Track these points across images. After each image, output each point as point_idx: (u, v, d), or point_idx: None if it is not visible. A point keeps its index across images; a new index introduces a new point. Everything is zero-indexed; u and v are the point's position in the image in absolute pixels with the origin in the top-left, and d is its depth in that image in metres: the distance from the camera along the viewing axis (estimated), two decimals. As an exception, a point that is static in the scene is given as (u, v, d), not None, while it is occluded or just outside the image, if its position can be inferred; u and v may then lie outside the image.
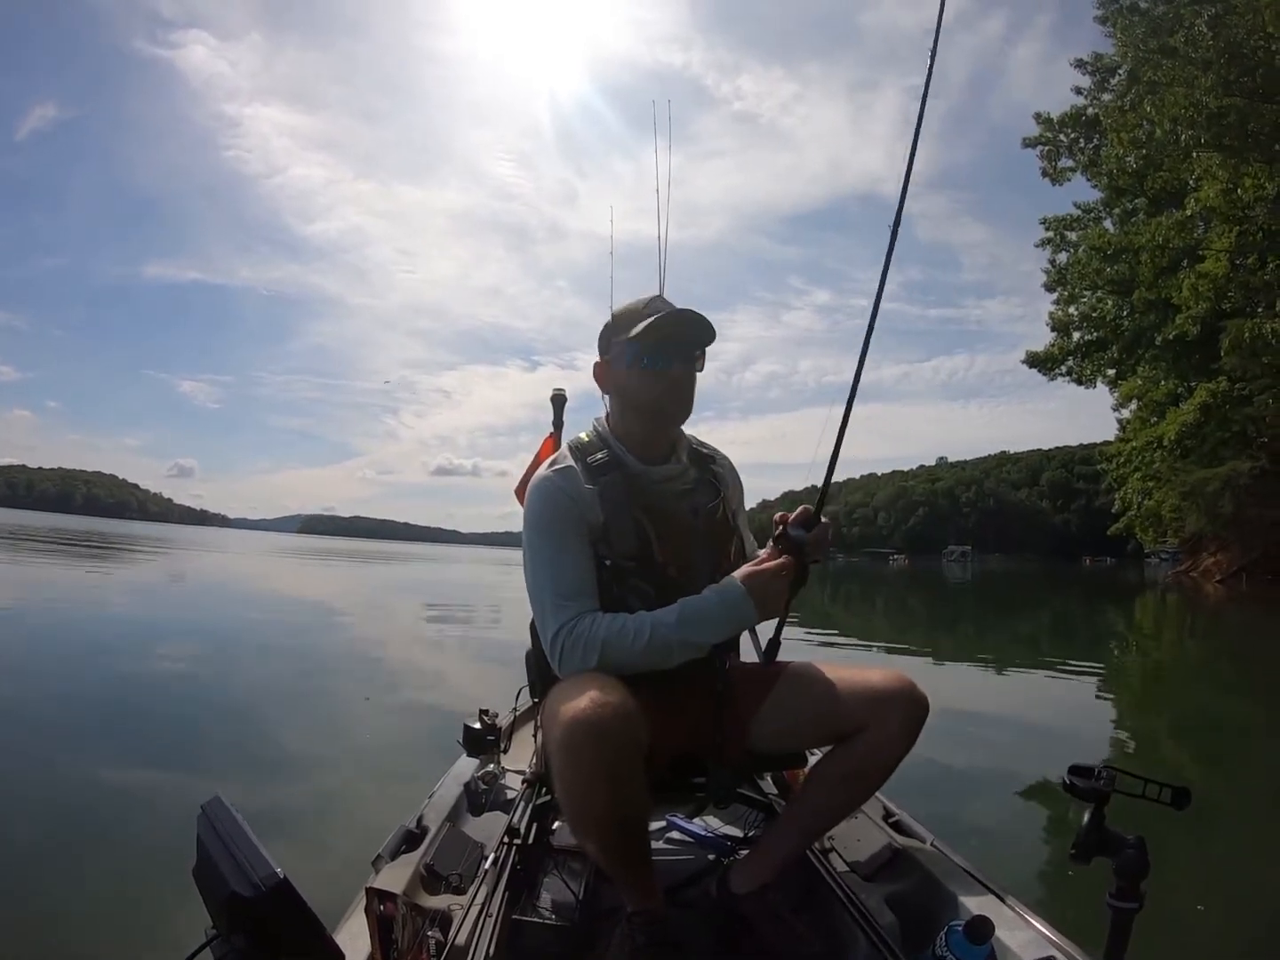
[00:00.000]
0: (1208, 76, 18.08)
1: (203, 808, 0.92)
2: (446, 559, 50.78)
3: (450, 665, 7.40)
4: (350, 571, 27.16)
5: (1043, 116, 27.68)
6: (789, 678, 1.51)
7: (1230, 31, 18.22)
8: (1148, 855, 1.05)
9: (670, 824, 1.90)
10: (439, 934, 1.24)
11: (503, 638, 8.37)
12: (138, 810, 2.99)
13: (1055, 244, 29.63)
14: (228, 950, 0.81)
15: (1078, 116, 26.90)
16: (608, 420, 1.60)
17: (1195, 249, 21.58)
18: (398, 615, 12.69)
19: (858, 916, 1.39)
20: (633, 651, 1.34)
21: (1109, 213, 28.78)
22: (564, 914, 1.47)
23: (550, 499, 1.46)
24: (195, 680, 5.73)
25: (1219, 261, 20.49)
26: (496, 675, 5.72)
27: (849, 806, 1.50)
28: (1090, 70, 26.00)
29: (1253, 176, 18.94)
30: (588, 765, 1.18)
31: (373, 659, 7.43)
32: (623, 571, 1.43)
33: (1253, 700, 7.10)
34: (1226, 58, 18.20)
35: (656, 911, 1.37)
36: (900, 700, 1.39)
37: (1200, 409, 22.09)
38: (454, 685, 6.29)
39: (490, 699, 2.36)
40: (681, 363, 1.49)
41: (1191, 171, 20.89)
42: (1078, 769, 1.15)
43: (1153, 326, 24.88)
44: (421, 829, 1.63)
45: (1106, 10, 22.59)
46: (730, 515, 1.61)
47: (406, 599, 16.59)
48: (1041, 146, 27.66)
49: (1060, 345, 30.13)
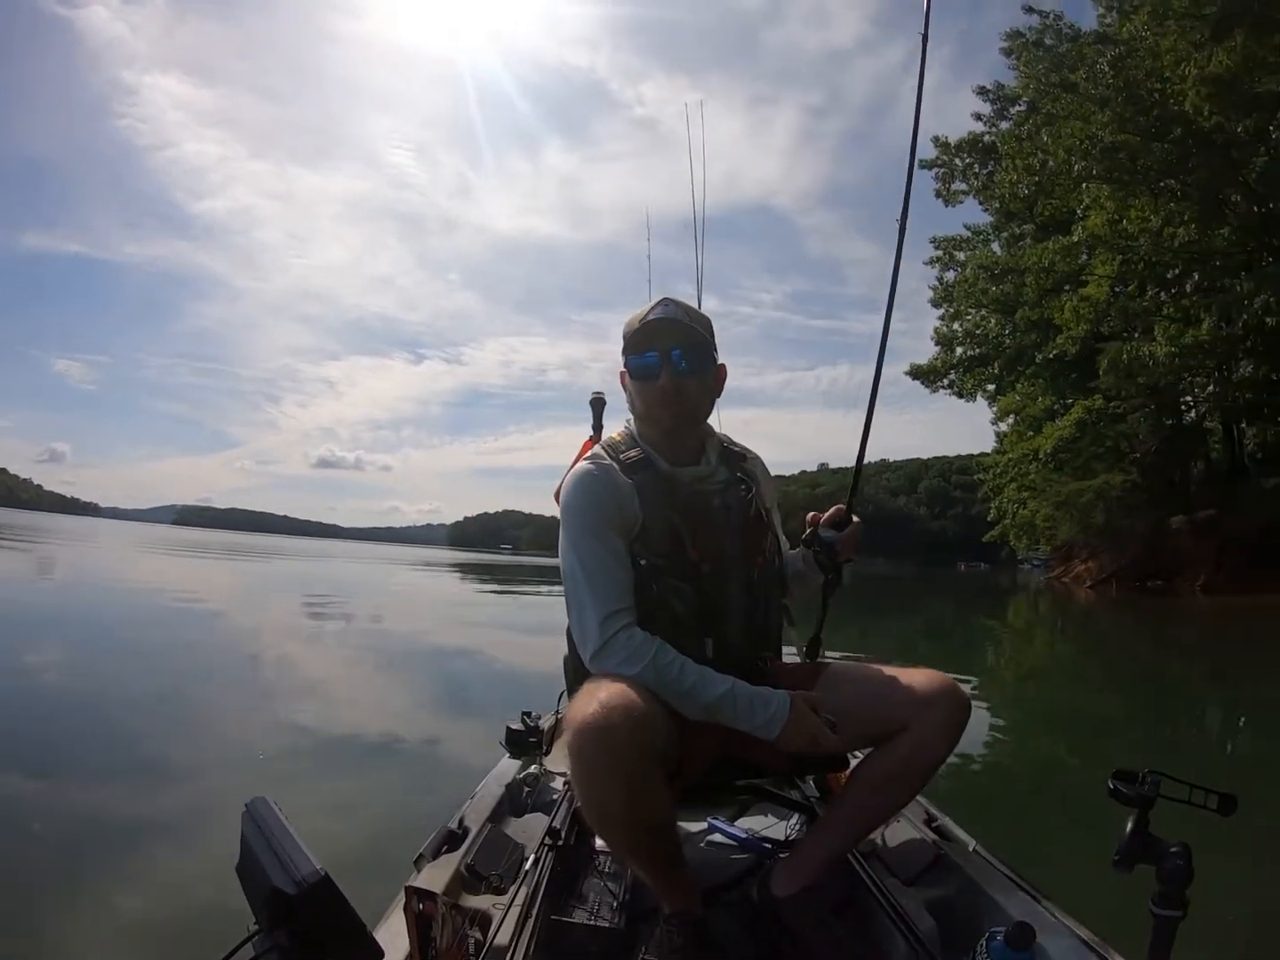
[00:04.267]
0: (1105, 113, 19.13)
1: (247, 806, 0.94)
2: (328, 555, 47.95)
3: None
4: (238, 568, 25.36)
5: (941, 140, 29.12)
6: (830, 678, 1.50)
7: (1130, 72, 19.34)
8: (1191, 863, 1.03)
9: (711, 826, 1.90)
10: (478, 934, 1.25)
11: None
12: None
13: (944, 262, 31.27)
14: (269, 946, 0.82)
15: (975, 142, 28.64)
16: (635, 425, 1.59)
17: (1079, 274, 22.57)
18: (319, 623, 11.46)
19: (898, 921, 1.39)
20: (670, 687, 1.31)
21: (997, 235, 30.59)
22: (604, 915, 1.47)
23: (589, 491, 1.45)
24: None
25: (1100, 287, 21.71)
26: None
27: (890, 809, 1.50)
28: (992, 98, 27.39)
29: (1139, 209, 20.26)
30: (598, 770, 1.19)
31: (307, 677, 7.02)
32: (658, 570, 1.42)
33: (1117, 695, 7.52)
34: (1124, 96, 19.26)
35: (693, 913, 1.37)
36: (942, 701, 1.38)
37: (1076, 424, 23.37)
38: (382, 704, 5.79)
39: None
40: (668, 369, 1.47)
41: (1081, 201, 22.07)
42: (1122, 774, 1.13)
43: (1033, 345, 26.29)
44: (463, 829, 1.63)
45: (1012, 43, 23.86)
46: (763, 511, 1.60)
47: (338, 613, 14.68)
48: (938, 169, 29.04)
49: (944, 359, 31.63)
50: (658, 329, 1.48)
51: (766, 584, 1.54)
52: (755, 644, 1.51)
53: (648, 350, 1.48)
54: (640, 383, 1.51)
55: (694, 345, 1.50)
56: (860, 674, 1.51)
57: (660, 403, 1.49)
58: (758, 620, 1.51)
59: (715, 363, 1.56)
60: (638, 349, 1.49)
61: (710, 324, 1.56)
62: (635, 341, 1.50)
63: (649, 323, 1.49)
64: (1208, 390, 23.46)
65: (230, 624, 9.83)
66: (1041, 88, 21.72)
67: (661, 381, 1.47)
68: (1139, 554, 23.31)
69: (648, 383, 1.49)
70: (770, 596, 1.55)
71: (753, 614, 1.50)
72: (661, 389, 1.47)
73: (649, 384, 1.49)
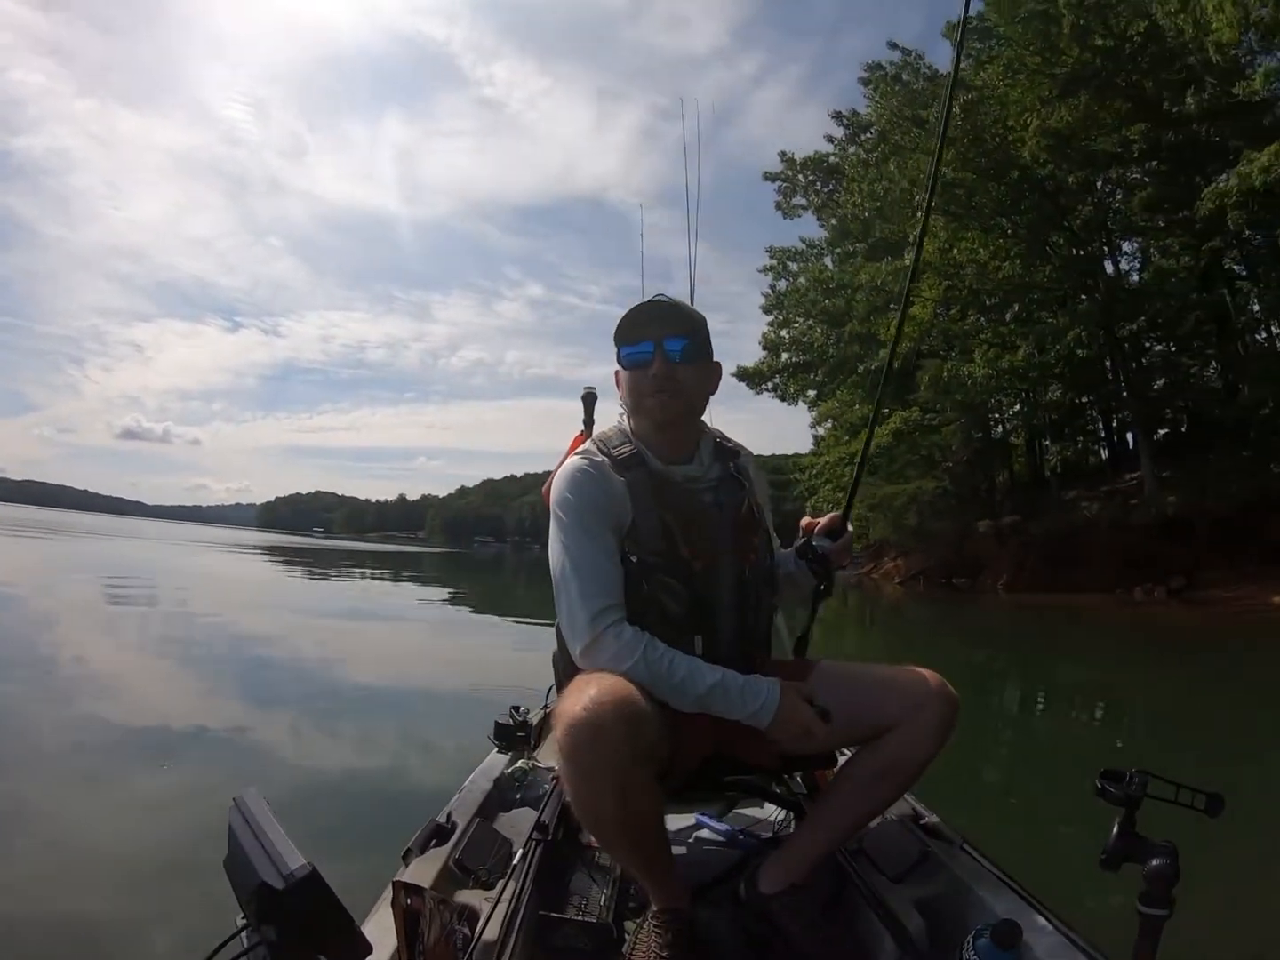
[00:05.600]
0: (950, 151, 20.23)
1: (235, 800, 0.94)
2: (139, 535, 45.41)
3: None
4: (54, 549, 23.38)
5: (787, 156, 31.00)
6: (819, 676, 1.50)
7: (979, 117, 20.74)
8: (1178, 862, 1.04)
9: (699, 823, 1.91)
10: (466, 929, 1.24)
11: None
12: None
13: (778, 272, 33.13)
14: (257, 940, 0.83)
15: (819, 161, 30.58)
16: (629, 421, 1.58)
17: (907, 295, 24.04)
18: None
19: (885, 919, 1.39)
20: (660, 681, 1.31)
21: (831, 251, 32.36)
22: (592, 911, 1.47)
23: (580, 486, 1.43)
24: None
25: (926, 308, 23.00)
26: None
27: (878, 806, 1.50)
28: (846, 123, 29.17)
29: (969, 242, 21.95)
30: (588, 767, 1.18)
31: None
32: (649, 567, 1.40)
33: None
34: (970, 138, 20.60)
35: (681, 910, 1.37)
36: (932, 698, 1.39)
37: (893, 433, 24.62)
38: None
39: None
40: (661, 356, 1.46)
41: (915, 228, 23.32)
42: (1110, 773, 1.14)
43: (856, 356, 27.76)
44: (451, 824, 1.62)
45: (872, 75, 25.44)
46: (755, 509, 1.59)
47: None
48: (781, 183, 30.94)
49: (769, 363, 33.38)
50: (651, 316, 1.47)
51: (757, 582, 1.53)
52: (745, 642, 1.50)
53: (641, 339, 1.47)
54: (633, 372, 1.48)
55: (689, 334, 1.48)
56: (850, 672, 1.51)
57: (651, 391, 1.46)
58: (748, 618, 1.50)
59: (711, 355, 1.55)
60: (630, 338, 1.48)
61: (705, 321, 1.54)
62: (628, 330, 1.48)
63: (641, 310, 1.47)
64: (1015, 409, 26.29)
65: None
66: (894, 120, 23.17)
67: (654, 369, 1.45)
68: (946, 554, 25.09)
69: (639, 370, 1.47)
70: (761, 595, 1.54)
71: (743, 612, 1.49)
72: (654, 376, 1.45)
73: (641, 372, 1.47)
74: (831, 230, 31.52)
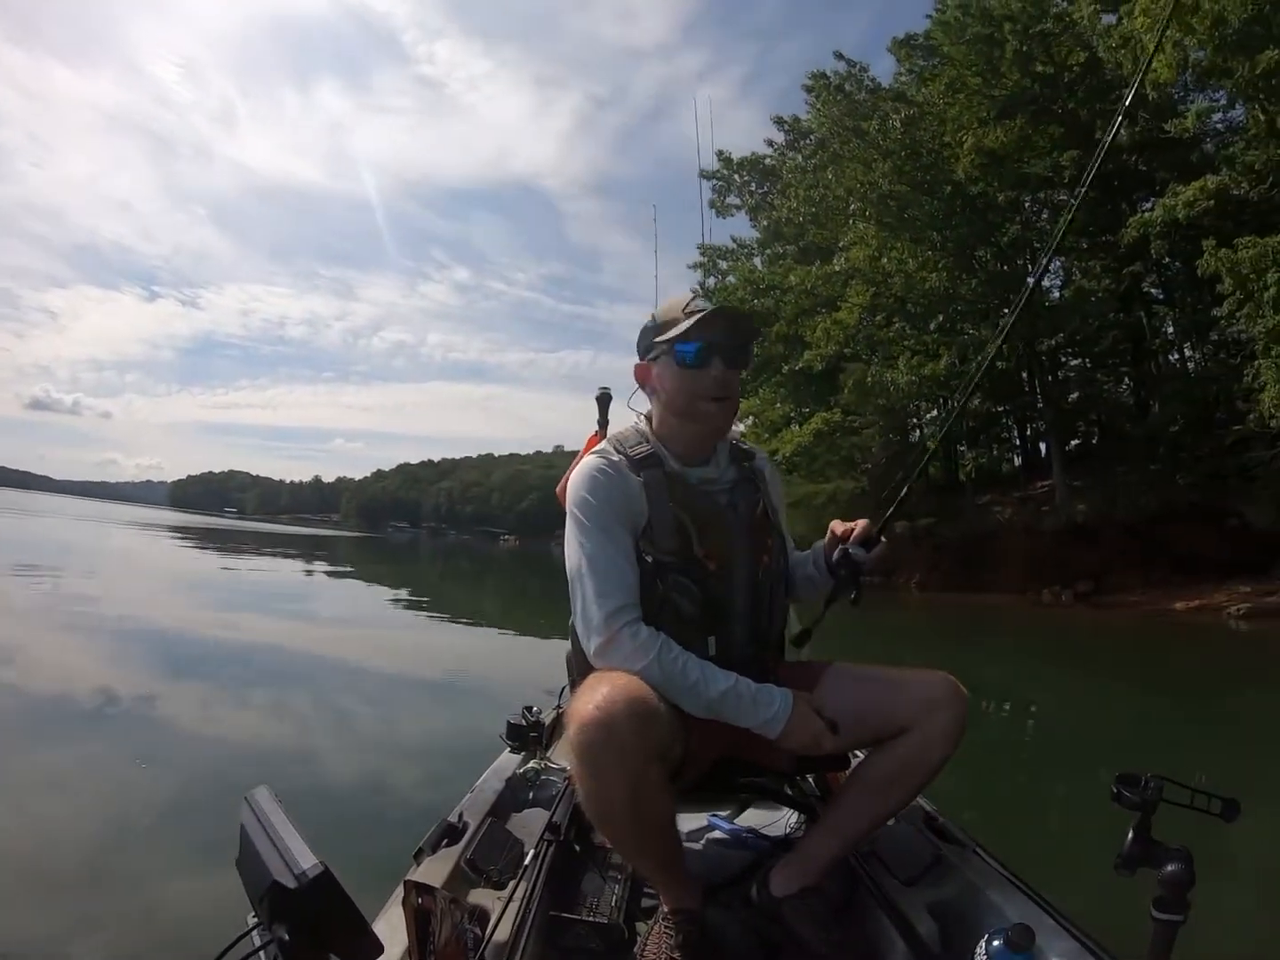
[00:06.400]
0: (886, 163, 20.92)
1: (246, 798, 0.93)
2: (53, 512, 44.83)
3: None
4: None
5: (724, 155, 30.61)
6: (832, 678, 1.50)
7: (917, 132, 21.20)
8: (1193, 867, 1.03)
9: (711, 824, 1.90)
10: (477, 929, 1.24)
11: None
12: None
13: (707, 269, 32.69)
14: (269, 939, 0.82)
15: (756, 163, 30.26)
16: (649, 421, 1.57)
17: (835, 299, 24.52)
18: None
19: (897, 922, 1.38)
20: (673, 682, 1.31)
21: (761, 252, 32.16)
22: (603, 911, 1.47)
23: (597, 484, 1.43)
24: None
25: (852, 313, 23.36)
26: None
27: (891, 809, 1.49)
28: (787, 129, 29.18)
29: (899, 251, 22.29)
30: (601, 767, 1.18)
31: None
32: (665, 567, 1.40)
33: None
34: (908, 152, 21.12)
35: (693, 911, 1.37)
36: (945, 701, 1.38)
37: (815, 434, 24.86)
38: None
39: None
40: (724, 361, 1.47)
41: (847, 235, 24.20)
42: (1125, 777, 1.13)
43: (781, 357, 27.69)
44: (463, 823, 1.62)
45: (815, 83, 25.27)
46: (770, 511, 1.59)
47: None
48: (716, 181, 30.60)
49: None
50: (715, 319, 1.45)
51: (771, 584, 1.53)
52: (758, 643, 1.50)
53: (700, 338, 1.45)
54: (690, 371, 1.46)
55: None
56: (864, 674, 1.50)
57: (711, 395, 1.46)
58: (762, 620, 1.51)
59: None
60: (689, 336, 1.45)
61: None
62: (694, 328, 1.44)
63: (708, 312, 1.45)
64: (932, 414, 26.66)
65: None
66: (834, 129, 23.31)
67: (714, 371, 1.45)
68: (862, 553, 25.74)
69: (698, 371, 1.46)
70: (775, 596, 1.54)
71: (757, 613, 1.49)
72: (715, 379, 1.45)
73: (700, 373, 1.46)
74: (764, 231, 31.67)
